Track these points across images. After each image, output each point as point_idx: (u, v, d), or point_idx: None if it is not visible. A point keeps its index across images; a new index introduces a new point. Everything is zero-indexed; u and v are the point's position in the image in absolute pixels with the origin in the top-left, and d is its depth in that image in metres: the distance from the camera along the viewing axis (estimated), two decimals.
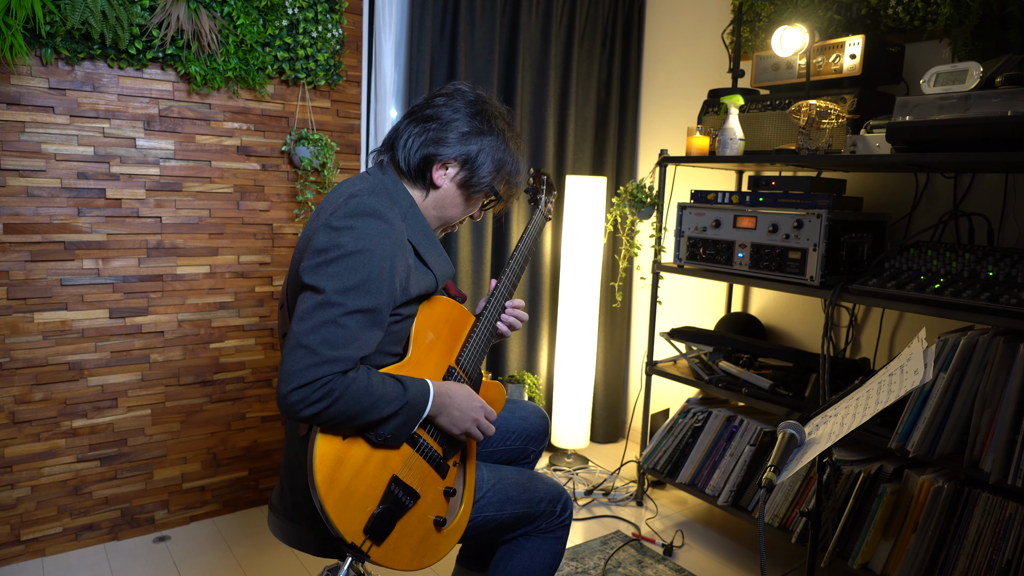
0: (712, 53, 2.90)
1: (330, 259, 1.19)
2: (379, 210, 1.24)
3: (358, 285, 1.18)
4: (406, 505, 1.26)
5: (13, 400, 2.07)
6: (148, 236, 2.23)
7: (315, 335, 1.14)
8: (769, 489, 1.12)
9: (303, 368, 1.12)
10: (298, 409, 1.12)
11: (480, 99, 1.41)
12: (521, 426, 1.66)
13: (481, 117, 1.38)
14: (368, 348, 1.20)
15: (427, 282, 1.34)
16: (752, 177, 2.68)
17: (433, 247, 1.38)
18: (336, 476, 1.18)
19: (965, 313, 1.72)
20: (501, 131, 1.41)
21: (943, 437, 1.76)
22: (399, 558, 1.25)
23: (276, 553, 2.23)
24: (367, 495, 1.22)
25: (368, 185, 1.33)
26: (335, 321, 1.15)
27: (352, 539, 1.19)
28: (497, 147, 1.39)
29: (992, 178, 2.08)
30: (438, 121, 1.36)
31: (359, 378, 1.17)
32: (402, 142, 1.38)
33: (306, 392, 1.12)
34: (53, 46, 1.96)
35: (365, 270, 1.19)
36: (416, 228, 1.35)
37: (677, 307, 3.08)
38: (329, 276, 1.18)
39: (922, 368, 1.15)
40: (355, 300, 1.17)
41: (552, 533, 1.51)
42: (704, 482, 2.39)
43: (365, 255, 1.19)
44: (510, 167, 1.42)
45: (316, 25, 2.35)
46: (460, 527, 1.37)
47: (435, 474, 1.33)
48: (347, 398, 1.14)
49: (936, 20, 2.13)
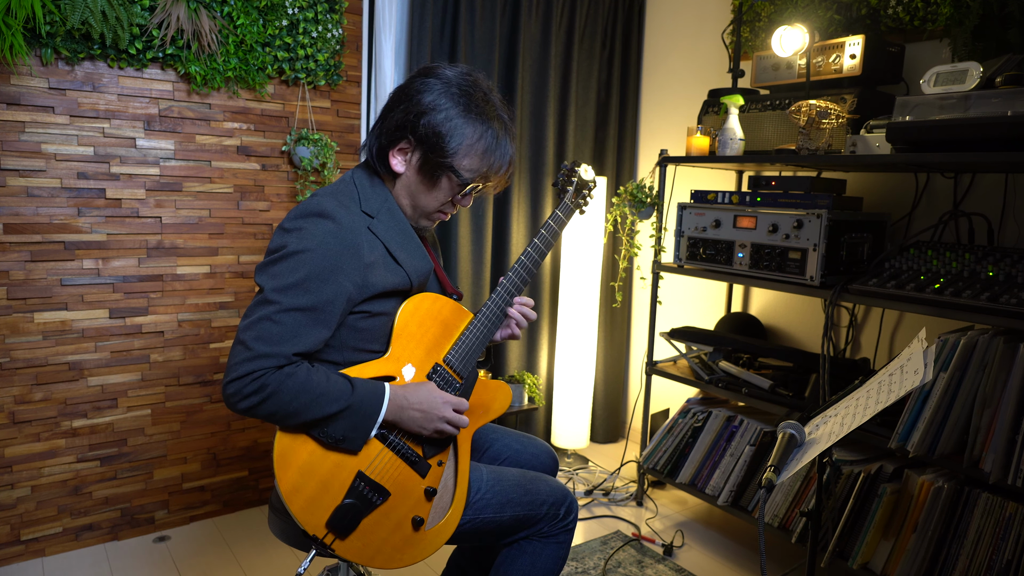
0: (712, 53, 2.90)
1: (274, 259, 1.22)
2: (327, 210, 1.25)
3: (296, 284, 1.20)
4: (374, 502, 1.25)
5: (13, 400, 2.07)
6: (148, 236, 2.23)
7: (251, 331, 1.17)
8: (769, 489, 1.12)
9: (237, 362, 1.16)
10: (234, 401, 1.16)
11: (448, 77, 1.32)
12: (531, 463, 1.63)
13: (442, 94, 1.30)
14: (308, 346, 1.21)
15: (396, 279, 1.31)
16: (752, 177, 2.68)
17: (407, 243, 1.35)
18: (292, 466, 1.19)
19: (965, 313, 1.72)
20: (465, 104, 1.31)
21: (943, 437, 1.76)
22: (369, 555, 1.25)
23: (276, 553, 2.23)
24: (328, 489, 1.21)
25: (335, 185, 1.35)
26: (270, 318, 1.18)
27: (313, 531, 1.19)
28: (457, 120, 1.30)
29: (992, 178, 2.08)
30: (399, 105, 1.33)
31: (296, 374, 1.18)
32: (370, 136, 1.38)
33: (239, 385, 1.15)
34: (53, 46, 1.96)
35: (304, 269, 1.20)
36: (389, 225, 1.33)
37: (677, 307, 3.08)
38: (271, 275, 1.21)
39: (922, 368, 1.15)
40: (292, 298, 1.19)
41: (555, 537, 1.47)
42: (704, 482, 2.39)
43: (306, 255, 1.21)
44: (473, 141, 1.31)
45: (316, 25, 2.35)
46: (445, 530, 1.34)
47: (411, 473, 1.31)
48: (282, 393, 1.16)
49: (936, 20, 2.12)
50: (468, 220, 2.79)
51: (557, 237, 1.53)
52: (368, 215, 1.31)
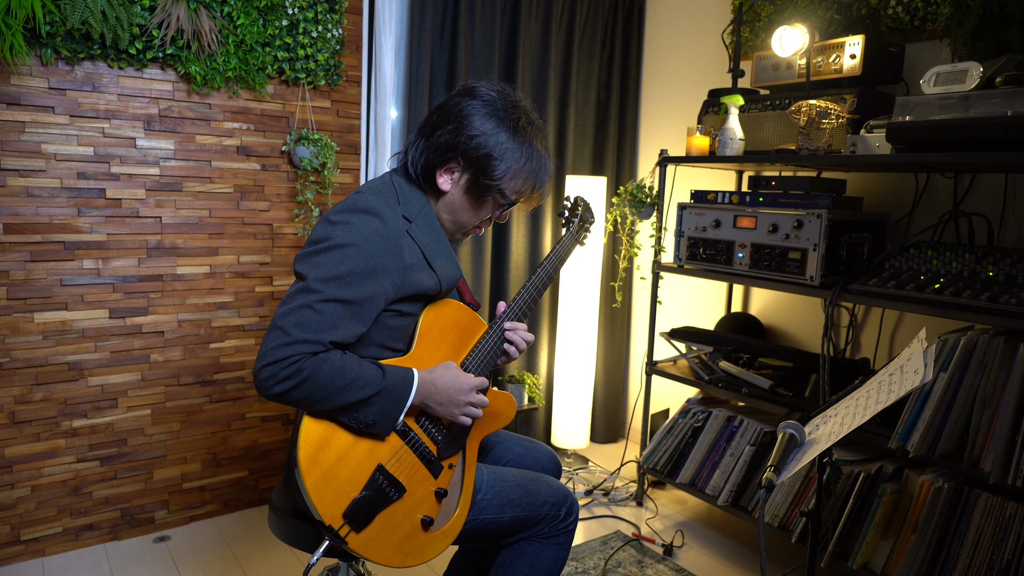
0: (712, 53, 2.90)
1: (319, 249, 1.23)
2: (375, 208, 1.27)
3: (340, 276, 1.20)
4: (390, 497, 1.26)
5: (13, 400, 2.07)
6: (148, 236, 2.23)
7: (290, 317, 1.17)
8: (769, 489, 1.12)
9: (274, 347, 1.16)
10: (268, 386, 1.16)
11: (492, 98, 1.36)
12: (533, 467, 1.64)
13: (491, 115, 1.34)
14: (344, 337, 1.22)
15: (430, 283, 1.34)
16: (752, 177, 2.68)
17: (441, 251, 1.38)
18: (319, 456, 1.20)
19: (965, 313, 1.72)
20: (514, 127, 1.35)
21: (943, 437, 1.76)
22: (379, 551, 1.25)
23: (276, 553, 2.23)
24: (350, 479, 1.22)
25: (377, 184, 1.36)
26: (311, 306, 1.18)
27: (330, 521, 1.19)
28: (506, 145, 1.34)
29: (992, 178, 2.08)
30: (448, 123, 1.35)
31: (331, 359, 1.19)
32: (413, 147, 1.39)
33: (275, 369, 1.15)
34: (53, 46, 1.96)
35: (350, 263, 1.21)
36: (426, 230, 1.36)
37: (677, 307, 3.08)
38: (315, 265, 1.22)
39: (922, 368, 1.15)
40: (335, 290, 1.20)
41: (555, 538, 1.48)
42: (704, 482, 2.39)
43: (352, 249, 1.22)
44: (520, 164, 1.36)
45: (316, 25, 2.35)
46: (451, 532, 1.35)
47: (426, 472, 1.33)
48: (317, 378, 1.17)
49: (936, 20, 2.13)
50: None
51: (561, 266, 1.60)
52: (407, 219, 1.33)
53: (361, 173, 2.60)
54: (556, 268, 1.59)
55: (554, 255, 1.59)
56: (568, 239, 1.66)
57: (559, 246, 1.62)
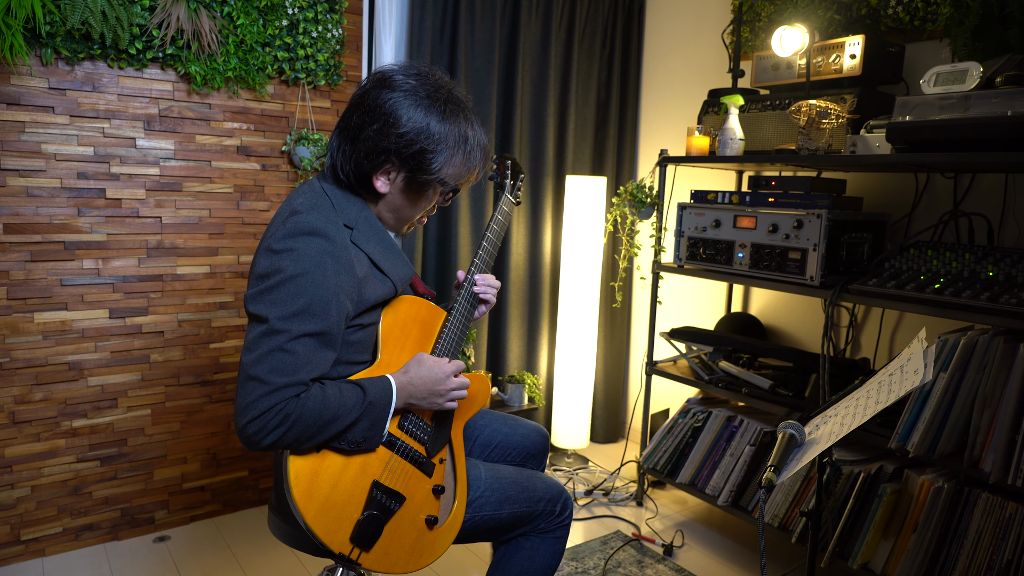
0: (712, 53, 2.90)
1: (271, 285, 1.16)
2: (318, 228, 1.19)
3: (303, 310, 1.15)
4: (392, 509, 1.26)
5: (13, 400, 2.07)
6: (148, 236, 2.23)
7: (263, 364, 1.12)
8: (769, 489, 1.12)
9: (255, 399, 1.11)
10: (258, 440, 1.11)
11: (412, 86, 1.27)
12: (522, 444, 1.66)
13: (415, 106, 1.25)
14: (320, 370, 1.19)
15: (384, 289, 1.30)
16: (752, 177, 2.68)
17: (389, 252, 1.33)
18: (313, 489, 1.18)
19: (965, 313, 1.71)
20: (440, 113, 1.27)
21: (943, 437, 1.76)
22: (394, 562, 1.25)
23: (276, 553, 2.23)
24: (349, 503, 1.21)
25: (310, 199, 1.26)
26: (282, 348, 1.13)
27: (339, 549, 1.18)
28: (437, 132, 1.27)
29: (992, 178, 2.08)
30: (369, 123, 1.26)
31: (313, 396, 1.15)
32: (337, 153, 1.30)
33: (262, 422, 1.11)
34: (53, 46, 1.96)
35: (308, 294, 1.16)
36: (369, 235, 1.30)
37: (677, 307, 3.08)
38: (271, 303, 1.15)
39: (922, 368, 1.15)
40: (300, 325, 1.15)
41: (552, 533, 1.51)
42: (704, 482, 2.39)
43: (307, 278, 1.16)
44: (455, 149, 1.29)
45: (316, 25, 2.35)
46: (455, 524, 1.37)
47: (420, 474, 1.33)
48: (305, 418, 1.14)
49: (936, 20, 2.12)
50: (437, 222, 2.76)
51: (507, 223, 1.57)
52: (347, 227, 1.27)
53: None
54: (503, 227, 1.54)
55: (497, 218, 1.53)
56: (505, 203, 1.58)
57: (498, 209, 1.54)
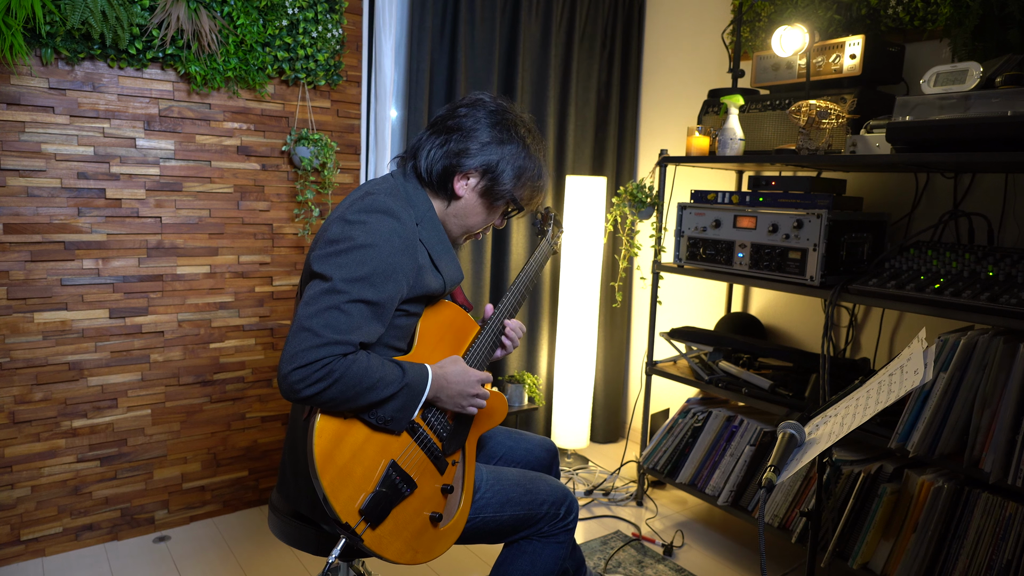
0: (712, 53, 2.90)
1: (340, 250, 1.23)
2: (393, 209, 1.29)
3: (364, 277, 1.22)
4: (403, 493, 1.28)
5: (13, 400, 2.07)
6: (148, 236, 2.23)
7: (319, 319, 1.18)
8: (769, 489, 1.12)
9: (305, 349, 1.16)
10: (299, 388, 1.16)
11: (501, 108, 1.44)
12: (526, 459, 1.66)
13: (502, 126, 1.41)
14: (368, 337, 1.24)
15: (436, 284, 1.38)
16: (752, 177, 2.68)
17: (446, 253, 1.42)
18: (335, 453, 1.21)
19: (965, 313, 1.72)
20: (522, 139, 1.43)
21: (943, 437, 1.76)
22: (392, 547, 1.26)
23: (276, 553, 2.23)
24: (365, 476, 1.24)
25: (388, 186, 1.38)
26: (339, 307, 1.19)
27: (347, 519, 1.20)
28: (518, 155, 1.42)
29: (992, 178, 2.08)
30: (459, 132, 1.40)
31: (359, 360, 1.20)
32: (424, 152, 1.42)
33: (307, 372, 1.15)
34: (53, 46, 1.96)
35: (372, 264, 1.23)
36: (432, 232, 1.39)
37: (677, 307, 3.08)
38: (337, 265, 1.22)
39: (922, 368, 1.15)
40: (360, 290, 1.21)
41: (555, 537, 1.49)
42: (704, 482, 2.39)
43: (373, 249, 1.24)
44: (531, 173, 1.44)
45: (316, 25, 2.35)
46: (457, 527, 1.37)
47: (434, 468, 1.35)
48: (347, 379, 1.18)
49: (936, 20, 2.12)
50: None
51: (540, 269, 1.71)
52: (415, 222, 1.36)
53: (361, 173, 2.60)
54: (537, 272, 1.68)
55: (534, 260, 1.68)
56: (546, 245, 1.77)
57: (538, 252, 1.71)
